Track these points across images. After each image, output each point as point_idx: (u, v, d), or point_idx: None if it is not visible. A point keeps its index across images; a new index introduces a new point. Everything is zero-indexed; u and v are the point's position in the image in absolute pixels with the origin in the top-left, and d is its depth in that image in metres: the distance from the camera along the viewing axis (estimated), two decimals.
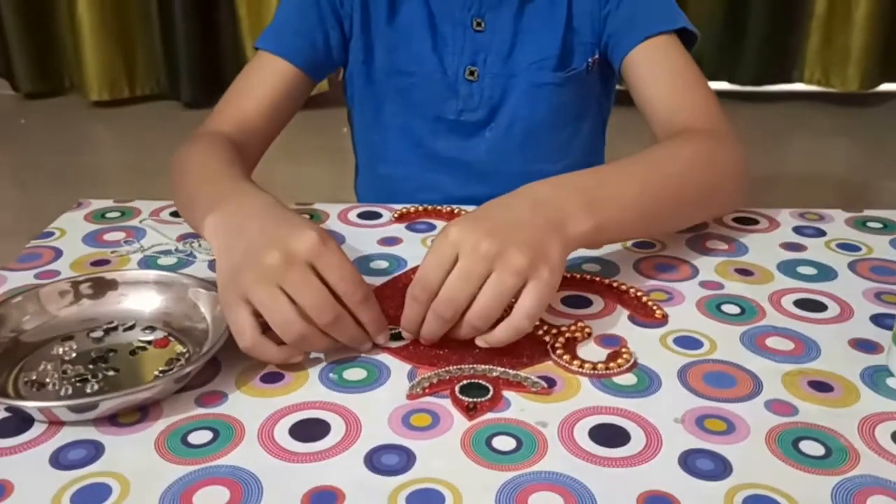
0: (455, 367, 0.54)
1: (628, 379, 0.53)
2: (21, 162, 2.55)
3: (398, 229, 0.75)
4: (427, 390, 0.52)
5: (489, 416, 0.50)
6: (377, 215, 0.77)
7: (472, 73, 0.86)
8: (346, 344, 0.54)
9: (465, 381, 0.53)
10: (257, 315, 0.52)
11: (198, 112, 2.74)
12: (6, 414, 0.49)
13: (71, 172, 2.35)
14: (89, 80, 2.83)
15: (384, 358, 0.55)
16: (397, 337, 0.57)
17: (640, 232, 0.69)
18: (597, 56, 0.87)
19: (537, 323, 0.58)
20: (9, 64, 2.92)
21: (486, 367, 0.54)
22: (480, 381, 0.53)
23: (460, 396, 0.51)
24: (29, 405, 0.48)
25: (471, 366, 0.54)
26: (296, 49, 0.84)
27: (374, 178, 0.96)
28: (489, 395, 0.51)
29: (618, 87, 0.97)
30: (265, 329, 0.52)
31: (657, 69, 0.82)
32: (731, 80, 2.78)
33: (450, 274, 0.53)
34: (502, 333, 0.53)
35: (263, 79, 0.83)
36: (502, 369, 0.53)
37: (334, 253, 0.53)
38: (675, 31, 0.83)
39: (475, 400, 0.51)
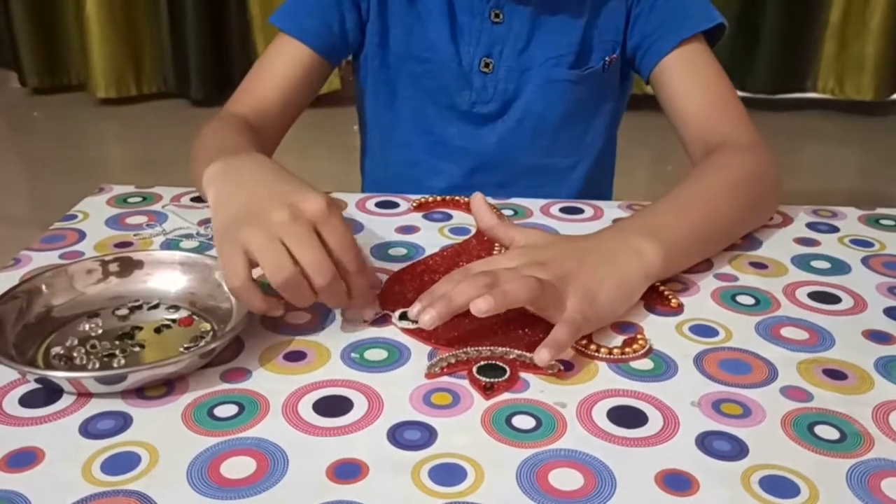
0: (473, 348, 0.55)
1: (645, 364, 0.54)
2: (30, 154, 2.57)
3: (415, 218, 0.76)
4: (445, 370, 0.53)
5: (509, 396, 0.50)
6: (395, 204, 0.78)
7: (486, 64, 0.86)
8: (331, 306, 0.55)
9: (482, 363, 0.53)
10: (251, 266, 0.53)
11: (207, 110, 2.76)
12: (36, 385, 0.50)
13: (79, 168, 2.37)
14: (96, 77, 2.84)
15: (404, 339, 0.56)
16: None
17: (699, 255, 0.68)
18: (615, 55, 0.87)
19: None
20: (17, 59, 2.93)
21: (504, 349, 0.55)
22: (498, 363, 0.53)
23: (477, 376, 0.52)
24: (58, 375, 0.49)
25: (488, 348, 0.55)
26: (312, 31, 0.85)
27: (382, 162, 0.97)
28: (506, 376, 0.52)
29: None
30: None
31: (691, 79, 0.82)
32: (744, 88, 2.78)
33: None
34: (545, 353, 0.52)
35: (281, 63, 0.84)
36: (519, 352, 0.54)
37: (339, 220, 0.54)
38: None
39: (492, 380, 0.52)
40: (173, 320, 0.57)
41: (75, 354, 0.53)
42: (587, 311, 0.55)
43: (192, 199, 0.78)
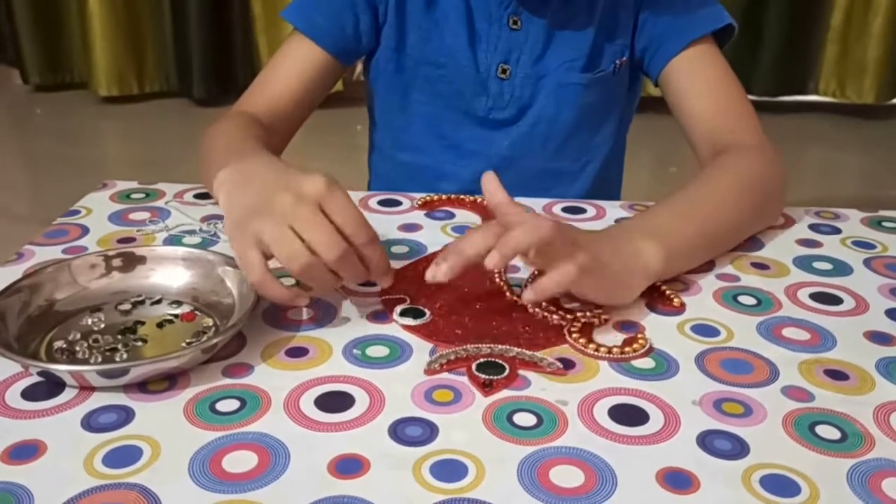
0: (473, 346, 0.55)
1: (646, 363, 0.54)
2: (32, 152, 2.57)
3: (418, 216, 0.76)
4: (445, 367, 0.53)
5: (510, 393, 0.51)
6: (398, 202, 0.79)
7: (504, 70, 0.86)
8: (352, 281, 0.56)
9: (482, 360, 0.54)
10: (267, 258, 0.54)
11: (209, 109, 2.76)
12: (38, 378, 0.50)
13: (81, 166, 2.37)
14: (98, 75, 2.83)
15: (406, 336, 0.56)
16: (419, 315, 0.58)
17: (702, 257, 0.67)
18: (625, 58, 0.87)
19: (552, 308, 0.59)
20: (19, 56, 2.93)
21: (504, 347, 0.55)
22: (497, 360, 0.53)
23: (476, 373, 0.52)
24: (61, 369, 0.49)
25: (488, 345, 0.55)
26: (325, 31, 0.84)
27: (391, 162, 0.96)
28: (505, 374, 0.52)
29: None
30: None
31: (699, 80, 0.82)
32: (746, 91, 2.77)
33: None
34: (529, 293, 0.54)
35: (293, 63, 0.85)
36: (518, 350, 0.54)
37: (342, 196, 0.55)
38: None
39: (491, 377, 0.52)
40: (176, 315, 0.58)
41: (77, 348, 0.53)
42: (592, 270, 0.55)
43: (195, 196, 0.78)
